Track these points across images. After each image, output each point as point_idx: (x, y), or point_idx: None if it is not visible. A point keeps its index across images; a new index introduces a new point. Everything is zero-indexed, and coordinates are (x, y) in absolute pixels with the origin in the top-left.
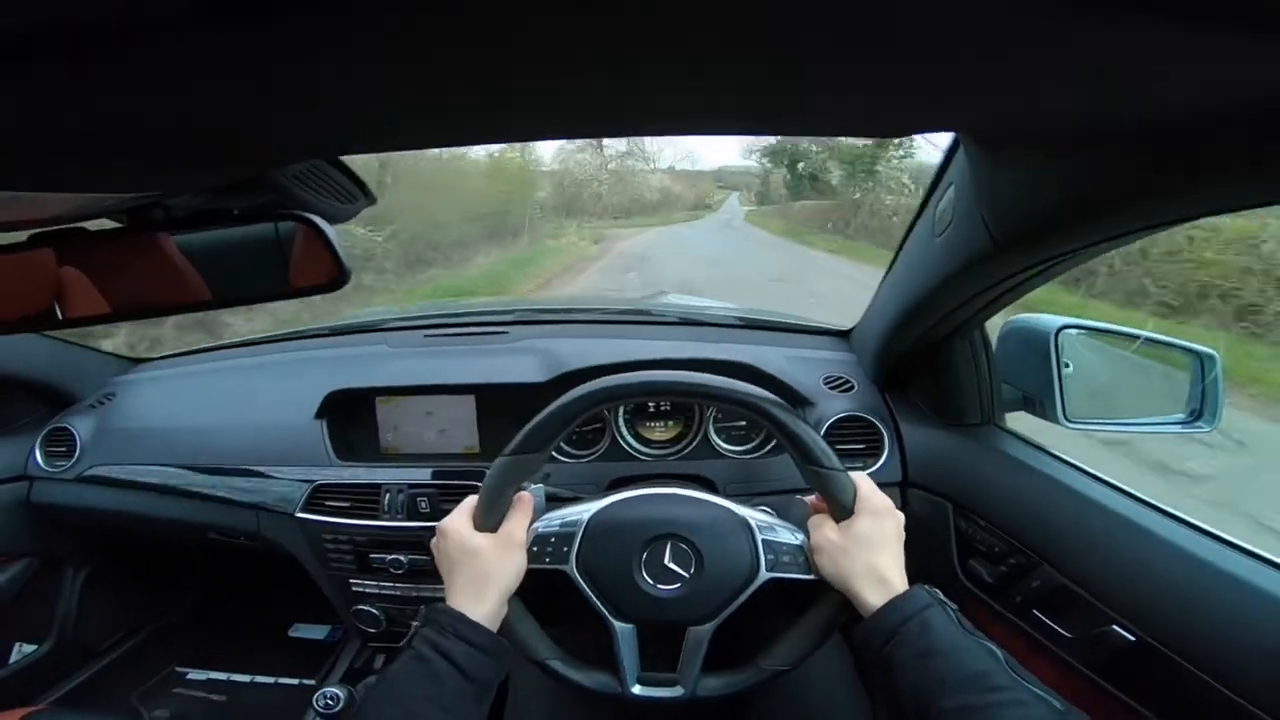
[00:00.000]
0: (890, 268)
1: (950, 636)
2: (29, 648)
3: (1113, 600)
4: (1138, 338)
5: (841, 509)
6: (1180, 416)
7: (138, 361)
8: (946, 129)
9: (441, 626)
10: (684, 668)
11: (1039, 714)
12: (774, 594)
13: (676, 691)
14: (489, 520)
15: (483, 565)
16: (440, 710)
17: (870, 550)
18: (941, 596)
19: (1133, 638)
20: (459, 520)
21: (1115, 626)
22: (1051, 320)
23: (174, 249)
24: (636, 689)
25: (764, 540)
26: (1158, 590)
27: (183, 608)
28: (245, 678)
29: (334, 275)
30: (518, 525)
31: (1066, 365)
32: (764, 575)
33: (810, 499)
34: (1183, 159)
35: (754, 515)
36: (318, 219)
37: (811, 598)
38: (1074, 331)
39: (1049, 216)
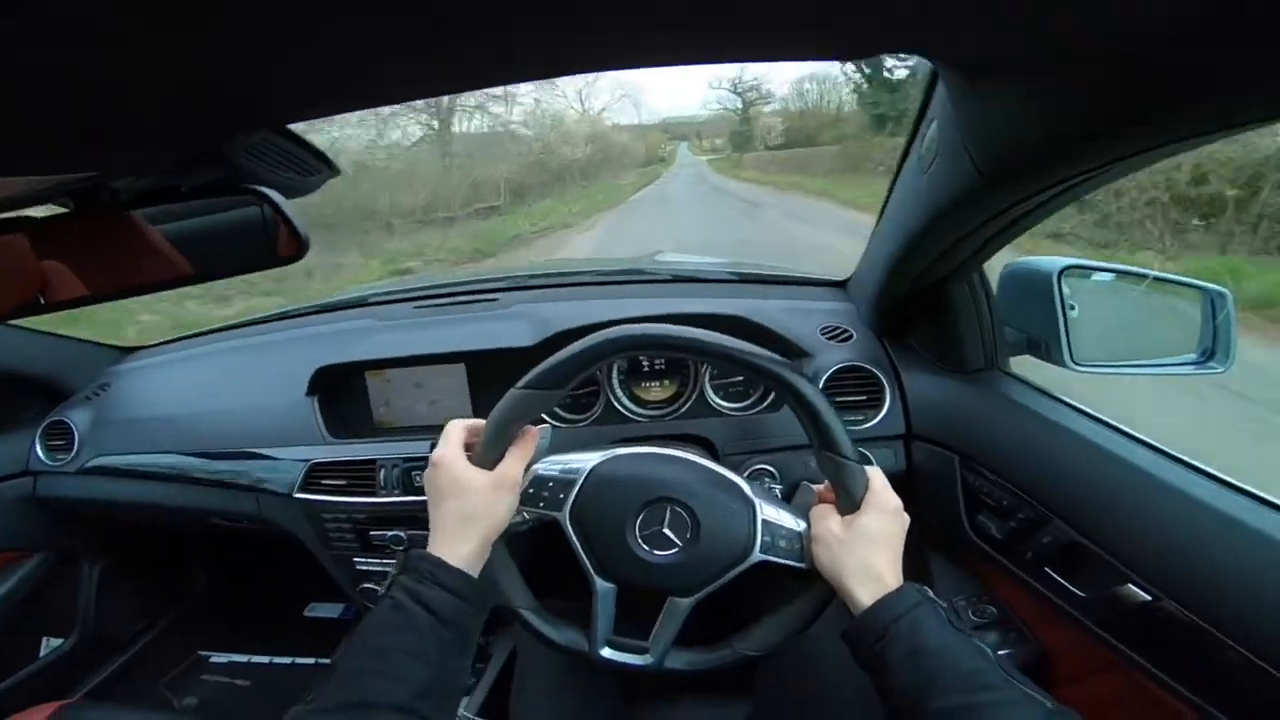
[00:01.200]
0: (882, 211)
1: (941, 635)
2: (56, 642)
3: (1128, 557)
4: (1145, 276)
5: (850, 501)
6: (1192, 357)
7: (130, 350)
8: (916, 46)
9: (420, 573)
10: (656, 638)
11: (1031, 715)
12: (758, 576)
13: (644, 659)
14: (489, 454)
15: (471, 503)
16: (419, 661)
17: (869, 548)
18: (931, 595)
19: (1149, 596)
20: (453, 451)
21: (1130, 585)
22: (1054, 261)
23: (146, 225)
24: (605, 651)
25: (764, 520)
26: (1175, 546)
27: (199, 593)
28: (265, 659)
29: (294, 247)
30: (515, 464)
31: (1072, 308)
32: (756, 556)
33: (819, 488)
34: (1160, 82)
35: (760, 495)
36: (269, 192)
37: (797, 586)
38: (1079, 272)
39: (1033, 147)
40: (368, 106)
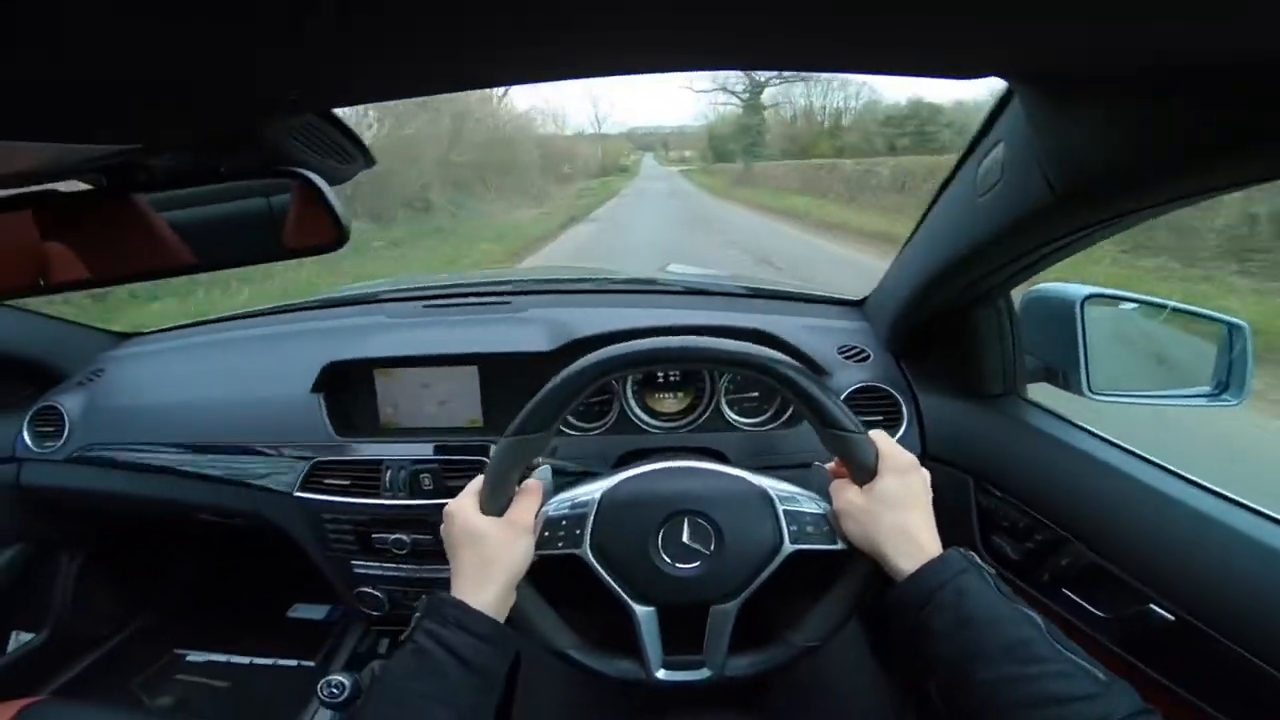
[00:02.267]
0: (912, 235)
1: (988, 603)
2: (26, 636)
3: (1149, 578)
4: (1165, 307)
5: (864, 471)
6: (1206, 389)
7: (127, 336)
8: (1009, 69)
9: (443, 617)
10: (710, 648)
11: (1082, 687)
12: (799, 567)
13: (704, 674)
14: (494, 505)
15: (488, 550)
16: (442, 706)
17: (897, 510)
18: (977, 560)
19: (1172, 617)
20: (465, 502)
21: (1153, 605)
22: (1077, 289)
23: (151, 210)
24: (661, 674)
25: (785, 511)
26: (1198, 568)
27: (179, 590)
28: (245, 660)
29: (333, 235)
30: (525, 510)
31: (1088, 337)
32: (788, 548)
33: (829, 465)
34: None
35: (774, 485)
36: (313, 176)
37: (839, 568)
38: (1100, 301)
39: (1119, 168)
40: (418, 95)
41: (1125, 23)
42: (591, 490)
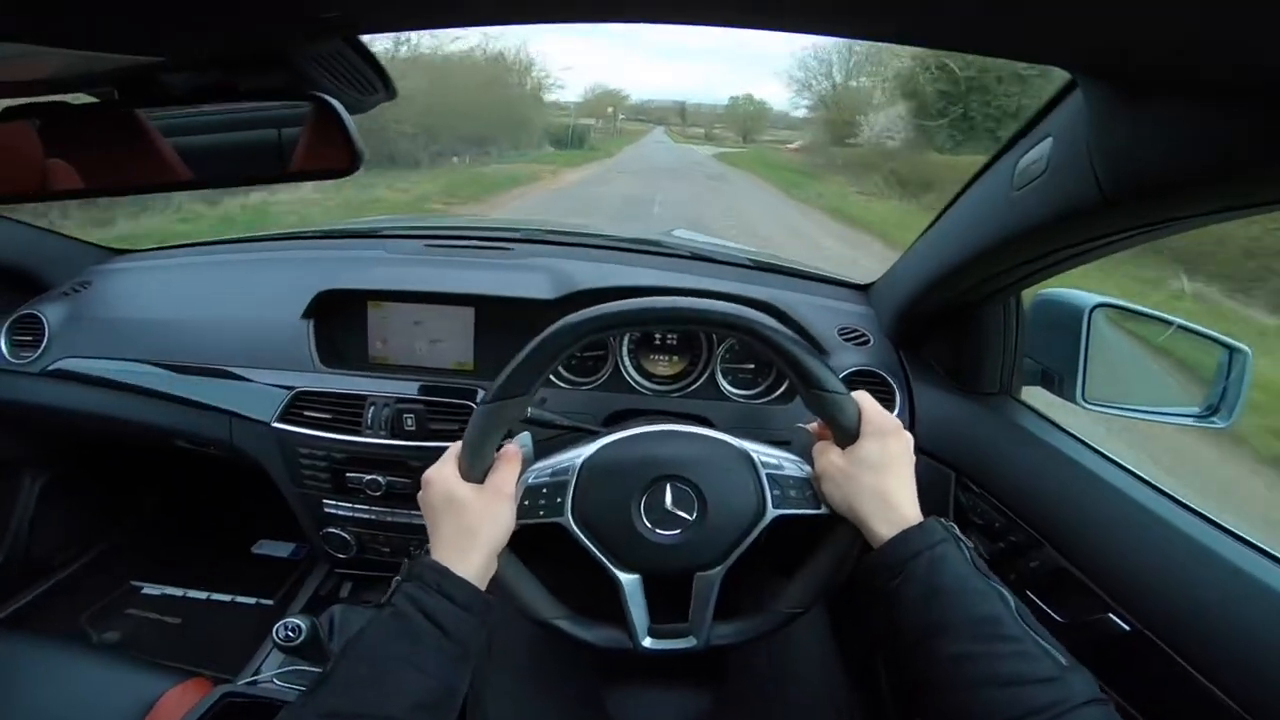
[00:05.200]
0: (931, 225)
1: (961, 576)
2: None
3: (1112, 587)
4: (1171, 324)
5: (845, 433)
6: (1196, 409)
7: (119, 252)
8: (1080, 61)
9: (425, 582)
10: (695, 616)
11: (1043, 669)
12: (783, 533)
13: (690, 642)
14: (474, 472)
15: (468, 518)
16: (417, 671)
17: (877, 474)
18: (957, 531)
19: (1128, 627)
20: (445, 469)
21: (1111, 615)
22: (1088, 297)
23: (153, 126)
24: (648, 642)
25: (769, 475)
26: (1159, 581)
27: (142, 520)
28: (202, 594)
29: (347, 161)
30: (505, 477)
31: (1090, 346)
32: (772, 513)
33: (813, 426)
34: None
35: (757, 448)
36: (333, 101)
37: (823, 533)
38: (1110, 311)
39: (1176, 174)
40: (449, 25)
41: (1209, 32)
42: (572, 457)
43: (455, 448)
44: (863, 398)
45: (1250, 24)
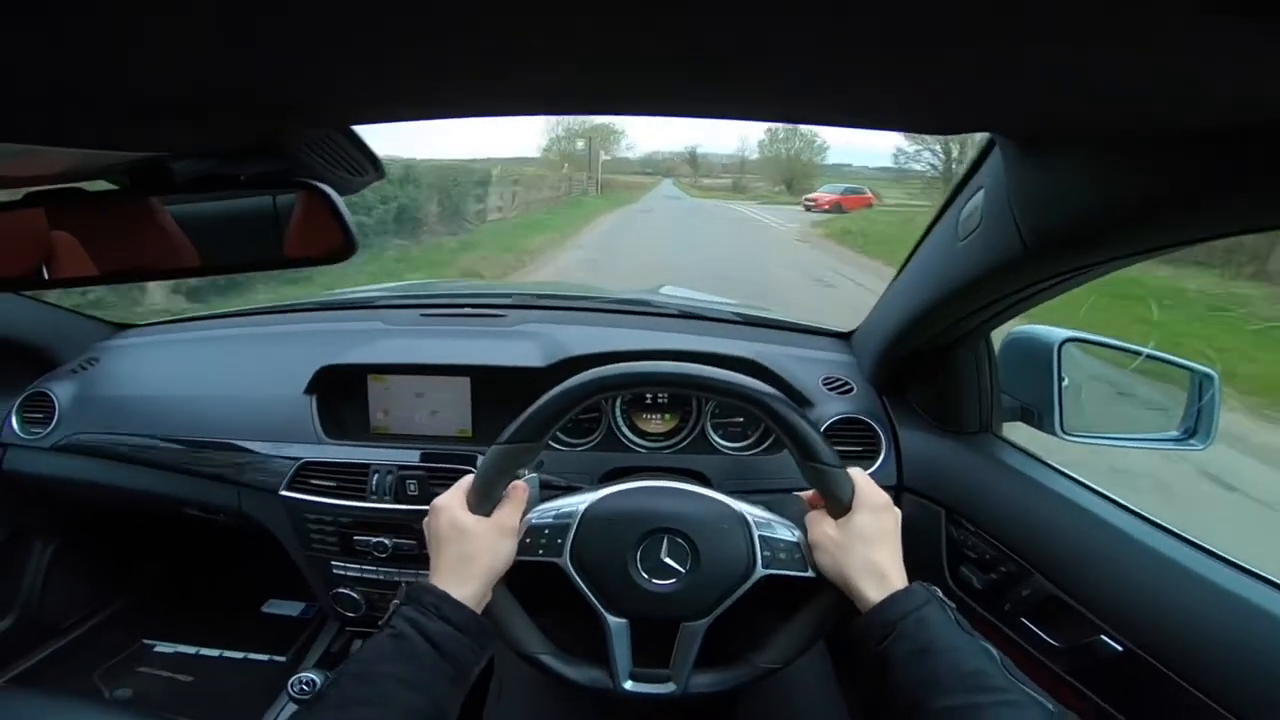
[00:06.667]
0: (899, 273)
1: (947, 634)
2: None
3: (1102, 610)
4: (1139, 354)
5: (839, 505)
6: (1174, 434)
7: (124, 328)
8: (993, 126)
9: (423, 605)
10: (677, 664)
11: (1032, 717)
12: (767, 591)
13: (669, 688)
14: (481, 506)
15: (471, 545)
16: (412, 690)
17: (869, 546)
18: (940, 594)
19: (1120, 648)
20: (453, 498)
21: (1103, 636)
22: (1056, 333)
23: (165, 213)
24: (628, 684)
25: (761, 536)
26: (1147, 602)
27: (152, 580)
28: (215, 653)
29: (340, 245)
30: (511, 513)
31: (1063, 379)
32: (760, 572)
33: (805, 495)
34: (1238, 165)
35: (751, 511)
36: (325, 188)
37: (806, 595)
38: (1078, 345)
39: (1087, 221)
40: (434, 118)
41: (1103, 88)
42: (576, 502)
43: (466, 480)
44: (857, 474)
45: (1132, 78)
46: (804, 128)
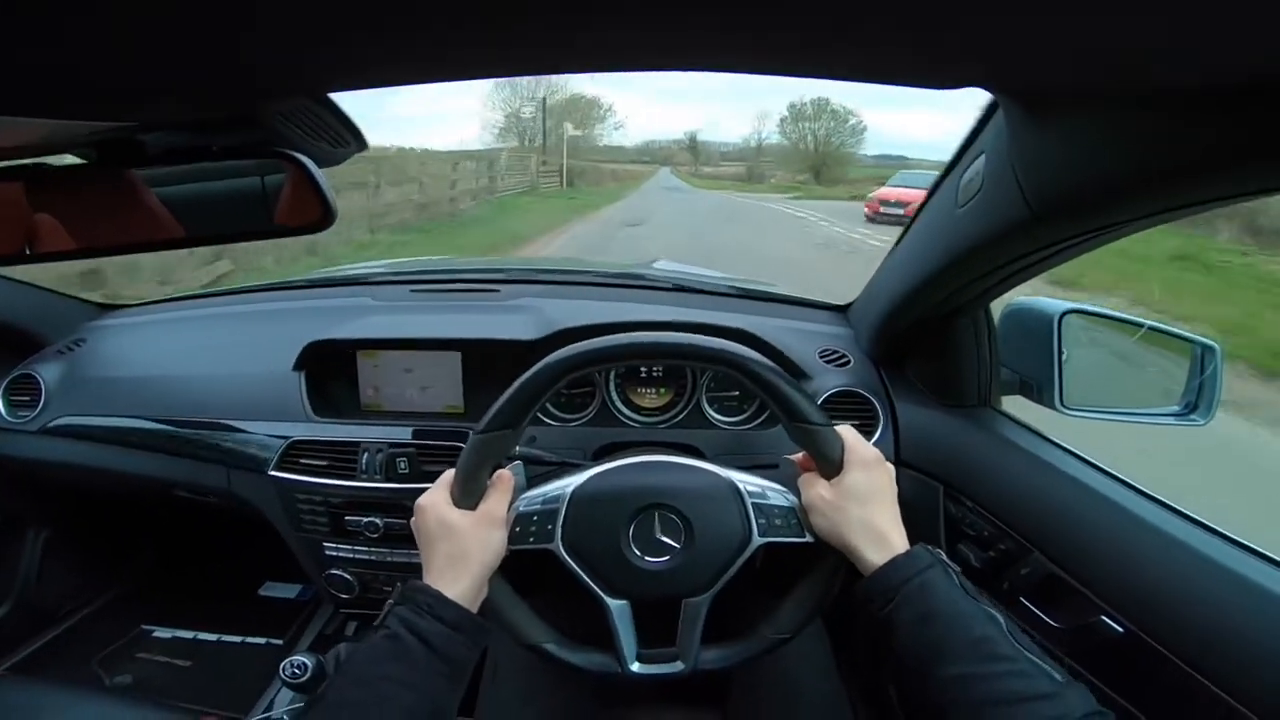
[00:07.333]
0: (897, 244)
1: (952, 600)
2: None
3: (1103, 591)
4: (1141, 326)
5: (830, 465)
6: (1175, 409)
7: (110, 308)
8: (992, 81)
9: (417, 605)
10: (683, 641)
11: (1040, 686)
12: (770, 560)
13: (677, 666)
14: (466, 500)
15: (460, 541)
16: (409, 690)
17: (864, 504)
18: (943, 557)
19: (1121, 629)
20: (437, 496)
21: (1104, 617)
22: (1056, 304)
23: (142, 184)
24: (635, 666)
25: (754, 504)
26: (1150, 582)
27: (148, 565)
28: (212, 637)
29: (319, 216)
30: (497, 503)
31: (1062, 352)
32: (757, 541)
33: (797, 458)
34: (1247, 127)
35: (743, 478)
36: (303, 158)
37: (808, 561)
38: (1079, 317)
39: (1095, 184)
40: (413, 82)
41: (1110, 43)
42: (562, 486)
43: (448, 475)
44: (846, 430)
45: (1137, 36)
46: (835, 104)
